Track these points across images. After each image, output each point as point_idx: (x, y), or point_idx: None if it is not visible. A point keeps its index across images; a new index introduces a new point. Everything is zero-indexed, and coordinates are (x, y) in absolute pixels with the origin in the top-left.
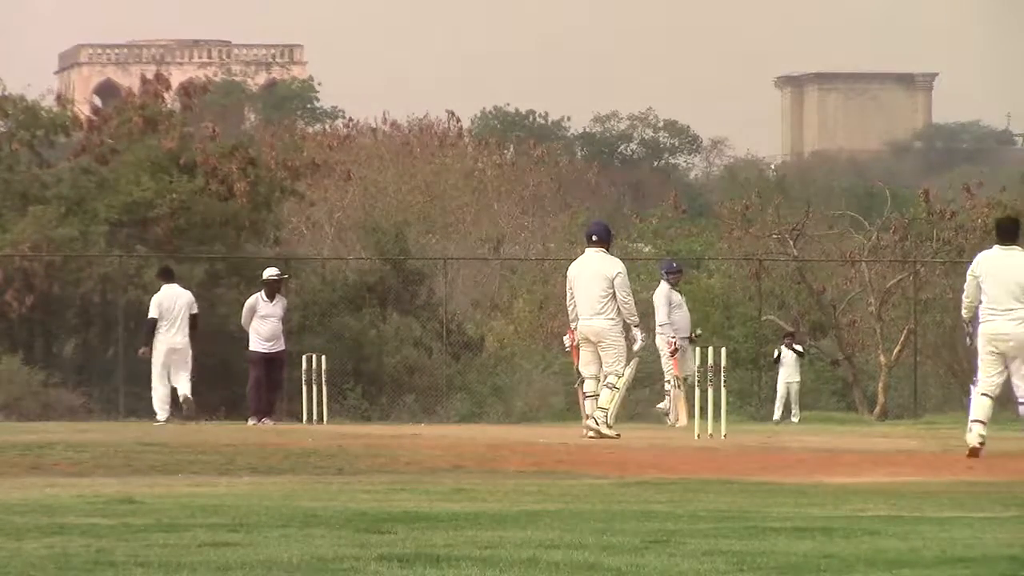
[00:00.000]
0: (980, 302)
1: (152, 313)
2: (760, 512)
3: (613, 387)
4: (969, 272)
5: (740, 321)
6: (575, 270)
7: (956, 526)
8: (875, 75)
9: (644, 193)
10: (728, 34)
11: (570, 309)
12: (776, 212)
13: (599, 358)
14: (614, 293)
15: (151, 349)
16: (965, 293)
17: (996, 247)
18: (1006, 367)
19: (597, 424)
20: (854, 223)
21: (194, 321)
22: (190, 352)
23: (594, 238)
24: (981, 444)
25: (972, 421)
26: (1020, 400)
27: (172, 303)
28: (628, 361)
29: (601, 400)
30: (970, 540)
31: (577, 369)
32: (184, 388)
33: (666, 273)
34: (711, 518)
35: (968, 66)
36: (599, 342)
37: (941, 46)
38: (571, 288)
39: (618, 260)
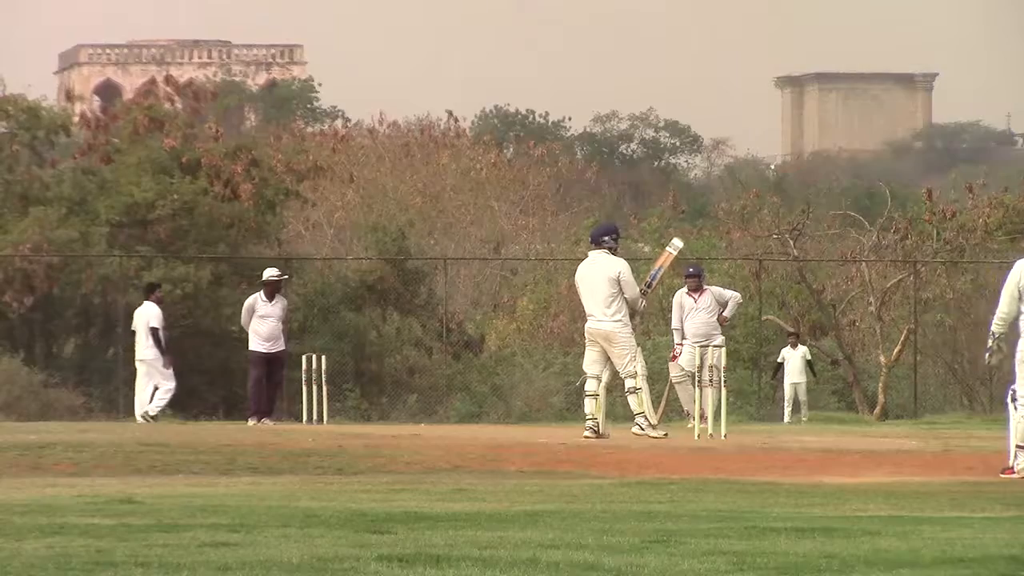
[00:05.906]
0: (1020, 313)
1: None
2: (760, 512)
3: (635, 389)
4: (1007, 283)
5: (740, 321)
6: (580, 273)
7: (956, 526)
8: (875, 75)
9: (644, 193)
10: (728, 34)
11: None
12: (775, 213)
13: (604, 359)
14: (621, 293)
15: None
16: (1000, 306)
17: None
18: None
19: (643, 431)
20: (854, 223)
21: (154, 334)
22: (158, 366)
23: (604, 239)
24: None
25: (1018, 447)
26: None
27: (137, 319)
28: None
29: (633, 407)
30: (970, 540)
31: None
32: (148, 406)
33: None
34: (711, 518)
35: (968, 66)
36: (609, 345)
37: (941, 46)
38: (579, 290)
39: (621, 259)
